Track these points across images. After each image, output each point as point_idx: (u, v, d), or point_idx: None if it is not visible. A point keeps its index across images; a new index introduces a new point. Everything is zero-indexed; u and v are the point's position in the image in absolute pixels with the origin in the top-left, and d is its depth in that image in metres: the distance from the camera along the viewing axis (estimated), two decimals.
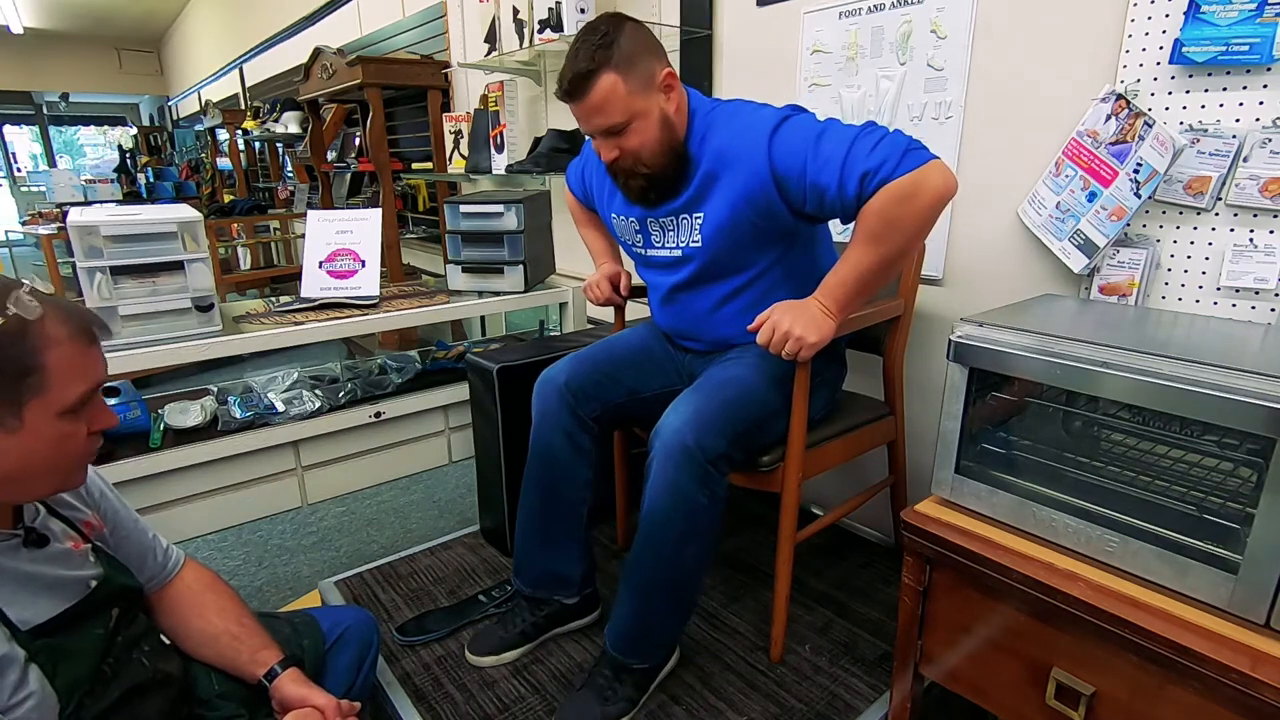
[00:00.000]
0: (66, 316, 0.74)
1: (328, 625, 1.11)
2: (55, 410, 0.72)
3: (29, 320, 0.69)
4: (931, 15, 1.44)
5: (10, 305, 0.69)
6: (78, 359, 0.73)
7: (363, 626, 1.14)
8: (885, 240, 1.07)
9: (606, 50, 1.11)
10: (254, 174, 6.09)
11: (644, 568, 1.17)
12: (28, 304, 0.70)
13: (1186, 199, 1.15)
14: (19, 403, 0.69)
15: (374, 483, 1.82)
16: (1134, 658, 0.85)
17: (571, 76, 1.12)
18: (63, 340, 0.72)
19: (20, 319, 0.69)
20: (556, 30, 2.07)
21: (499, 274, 1.92)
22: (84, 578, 0.83)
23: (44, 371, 0.70)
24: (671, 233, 1.26)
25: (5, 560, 0.75)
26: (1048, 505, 0.98)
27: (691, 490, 1.11)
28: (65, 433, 0.74)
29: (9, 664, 0.71)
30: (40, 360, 0.70)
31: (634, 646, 1.21)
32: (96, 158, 12.00)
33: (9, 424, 0.69)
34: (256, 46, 5.71)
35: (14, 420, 0.70)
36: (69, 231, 1.37)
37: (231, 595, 1.03)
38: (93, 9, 7.99)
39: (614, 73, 1.11)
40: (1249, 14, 1.04)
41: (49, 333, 0.71)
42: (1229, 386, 0.79)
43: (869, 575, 1.59)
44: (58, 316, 0.72)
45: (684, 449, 1.09)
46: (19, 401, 0.69)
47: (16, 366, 0.68)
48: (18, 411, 0.70)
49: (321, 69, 3.25)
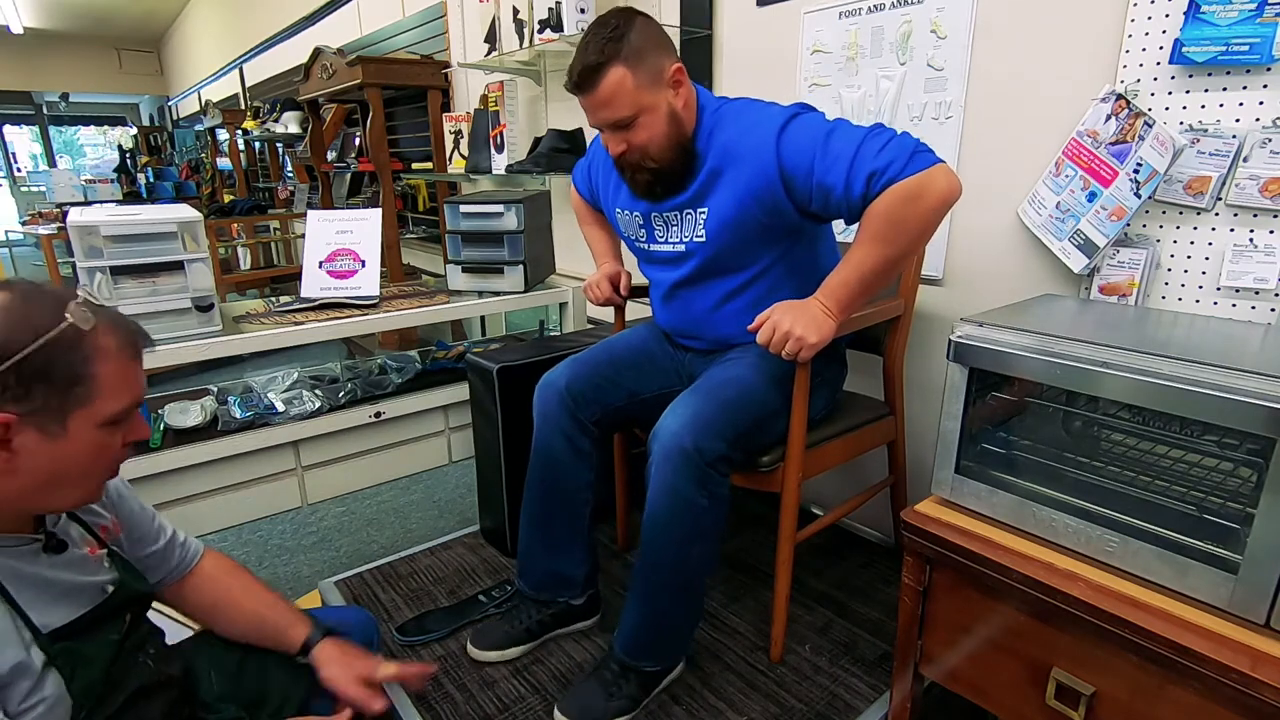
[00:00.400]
0: (116, 329, 0.74)
1: (328, 624, 1.11)
2: (98, 421, 0.73)
3: (84, 331, 0.70)
4: (931, 15, 1.44)
5: (67, 314, 0.69)
6: (124, 372, 0.74)
7: (363, 627, 1.14)
8: (889, 241, 1.07)
9: (616, 44, 1.11)
10: (254, 174, 6.09)
11: (650, 571, 1.18)
12: (83, 314, 0.71)
13: (1186, 199, 1.15)
14: (65, 411, 0.70)
15: (374, 483, 1.82)
16: (1134, 658, 0.85)
17: (580, 69, 1.13)
18: (112, 353, 0.73)
19: (75, 329, 0.70)
20: (556, 30, 2.07)
21: (499, 274, 1.92)
22: (100, 583, 0.83)
23: (92, 382, 0.71)
24: (675, 228, 1.26)
25: (26, 565, 0.75)
26: (1048, 505, 0.98)
27: (691, 492, 1.11)
28: (103, 443, 0.74)
29: (23, 671, 0.71)
30: (90, 371, 0.71)
31: (645, 650, 1.21)
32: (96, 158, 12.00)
33: (52, 430, 0.70)
34: (256, 46, 5.71)
35: (58, 428, 0.70)
36: (69, 231, 1.37)
37: (253, 576, 1.06)
38: (93, 9, 7.99)
39: (623, 66, 1.11)
40: (1249, 14, 1.04)
41: (100, 344, 0.72)
42: (1229, 386, 0.79)
43: (869, 575, 1.59)
44: (109, 328, 0.73)
45: (682, 452, 1.09)
46: (65, 410, 0.70)
47: (67, 376, 0.69)
48: (63, 420, 0.70)
49: (321, 69, 3.25)
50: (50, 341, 0.68)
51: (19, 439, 0.68)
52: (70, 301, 0.71)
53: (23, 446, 0.69)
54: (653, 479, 1.13)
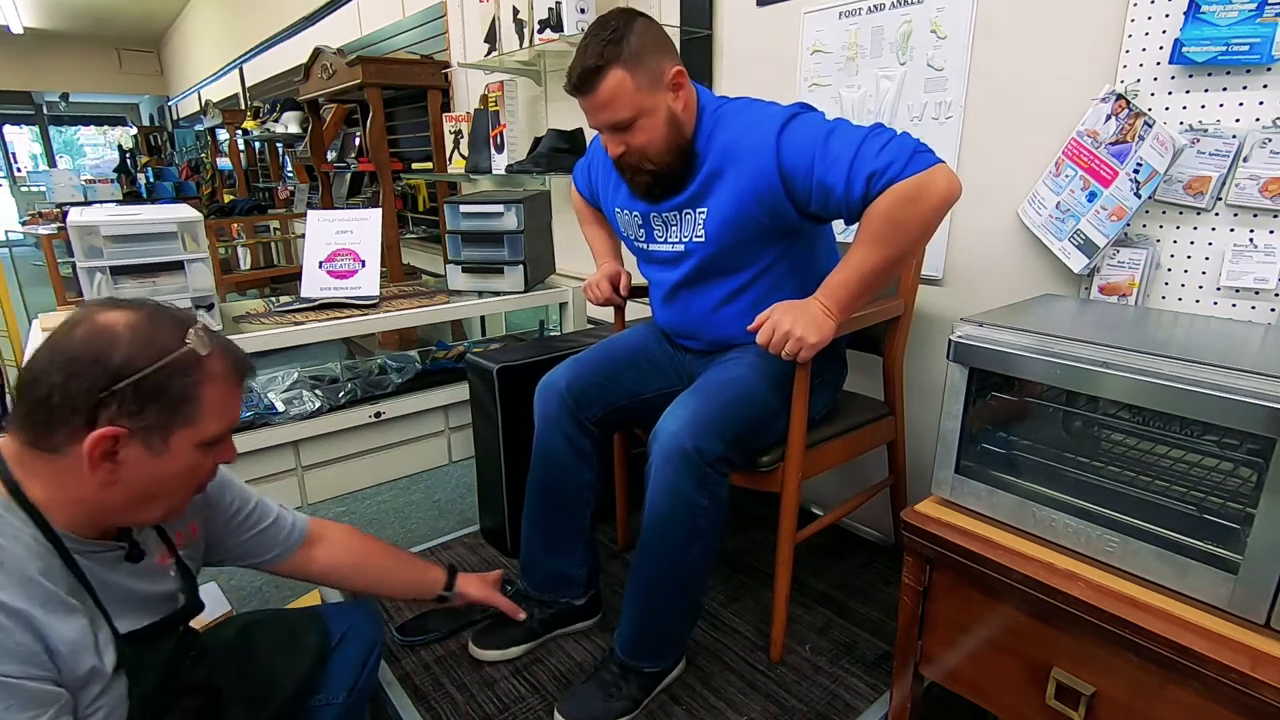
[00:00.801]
0: (226, 355, 0.78)
1: (333, 622, 1.11)
2: (197, 441, 0.75)
3: (200, 355, 0.73)
4: (931, 15, 1.44)
5: (188, 339, 0.73)
6: (228, 397, 0.78)
7: (368, 623, 1.14)
8: (889, 241, 1.07)
9: (616, 46, 1.10)
10: (254, 174, 6.09)
11: (648, 571, 1.18)
12: (201, 339, 0.74)
13: (1186, 199, 1.15)
14: (170, 430, 0.73)
15: (374, 483, 1.82)
16: (1134, 658, 0.85)
17: (580, 71, 1.12)
18: (220, 377, 0.76)
19: (194, 353, 0.73)
20: (556, 30, 2.07)
21: (499, 274, 1.92)
22: (170, 592, 0.86)
23: (199, 404, 0.74)
24: (675, 228, 1.26)
25: (108, 573, 0.78)
26: (1048, 505, 0.98)
27: (691, 493, 1.11)
28: (197, 463, 0.77)
29: (96, 677, 0.73)
30: (199, 393, 0.74)
31: (643, 650, 1.21)
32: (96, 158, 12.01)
33: (156, 447, 0.72)
34: (256, 46, 5.71)
35: (162, 445, 0.73)
36: (69, 231, 1.37)
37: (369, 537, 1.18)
38: (93, 9, 7.98)
39: (622, 69, 1.11)
40: (1249, 14, 1.04)
41: (211, 369, 0.75)
42: (1229, 386, 0.79)
43: (869, 575, 1.59)
44: (220, 354, 0.76)
45: (682, 452, 1.09)
46: (171, 429, 0.73)
47: (179, 396, 0.72)
48: (167, 438, 0.73)
49: (321, 69, 3.25)
50: (170, 363, 0.71)
51: (125, 452, 0.71)
52: (191, 327, 0.74)
53: (127, 460, 0.71)
54: (653, 480, 1.13)
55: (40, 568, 0.69)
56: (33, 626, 0.66)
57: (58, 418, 0.68)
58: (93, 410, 0.68)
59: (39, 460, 0.71)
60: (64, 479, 0.71)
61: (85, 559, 0.75)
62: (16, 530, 0.69)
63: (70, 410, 0.68)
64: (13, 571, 0.67)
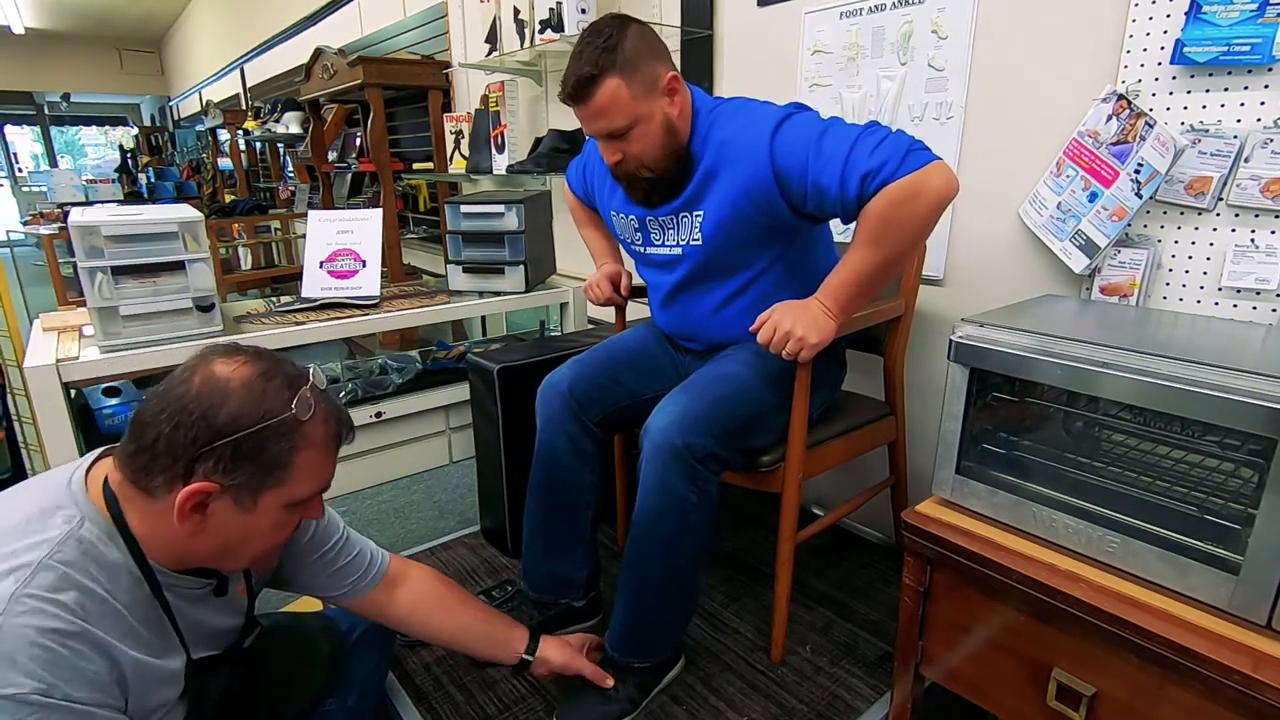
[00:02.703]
0: (328, 421, 0.77)
1: (346, 626, 1.11)
2: (286, 502, 0.76)
3: (301, 421, 0.73)
4: (932, 16, 1.44)
5: (294, 403, 0.73)
6: (322, 463, 0.78)
7: (378, 629, 1.14)
8: (886, 241, 1.07)
9: (610, 54, 1.10)
10: (255, 174, 6.09)
11: (638, 567, 1.18)
12: (306, 405, 0.74)
13: (1188, 199, 1.15)
14: (260, 490, 0.73)
15: (375, 483, 1.82)
16: (1135, 658, 0.84)
17: (575, 80, 1.12)
18: (317, 443, 0.76)
19: (295, 419, 0.73)
20: (557, 30, 2.07)
21: (500, 274, 1.92)
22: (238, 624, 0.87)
23: (293, 469, 0.74)
24: (671, 231, 1.26)
25: (192, 608, 0.79)
26: (1048, 506, 0.98)
27: (681, 489, 1.11)
28: (284, 521, 0.78)
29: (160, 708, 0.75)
30: (294, 458, 0.74)
31: (633, 646, 1.21)
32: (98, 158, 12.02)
33: (245, 504, 0.73)
34: (257, 47, 5.71)
35: (251, 503, 0.73)
36: (70, 231, 1.36)
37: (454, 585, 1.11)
38: (94, 9, 7.99)
39: (617, 77, 1.10)
40: (1250, 14, 1.04)
41: (311, 435, 0.75)
42: (1230, 387, 0.79)
43: (869, 575, 1.59)
44: (322, 419, 0.76)
45: (671, 448, 1.09)
46: (261, 489, 0.73)
47: (274, 460, 0.72)
48: (256, 497, 0.73)
49: (322, 69, 3.25)
50: (271, 426, 0.71)
51: (214, 506, 0.72)
52: (301, 388, 0.74)
53: (215, 513, 0.72)
54: (643, 476, 1.13)
55: (129, 600, 0.71)
56: (111, 656, 0.67)
57: (159, 465, 0.70)
58: (191, 463, 0.69)
59: (137, 497, 0.72)
60: (157, 520, 0.72)
61: (172, 593, 0.76)
62: (115, 559, 0.71)
63: (171, 459, 0.69)
64: (103, 601, 0.68)
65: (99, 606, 0.67)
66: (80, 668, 0.64)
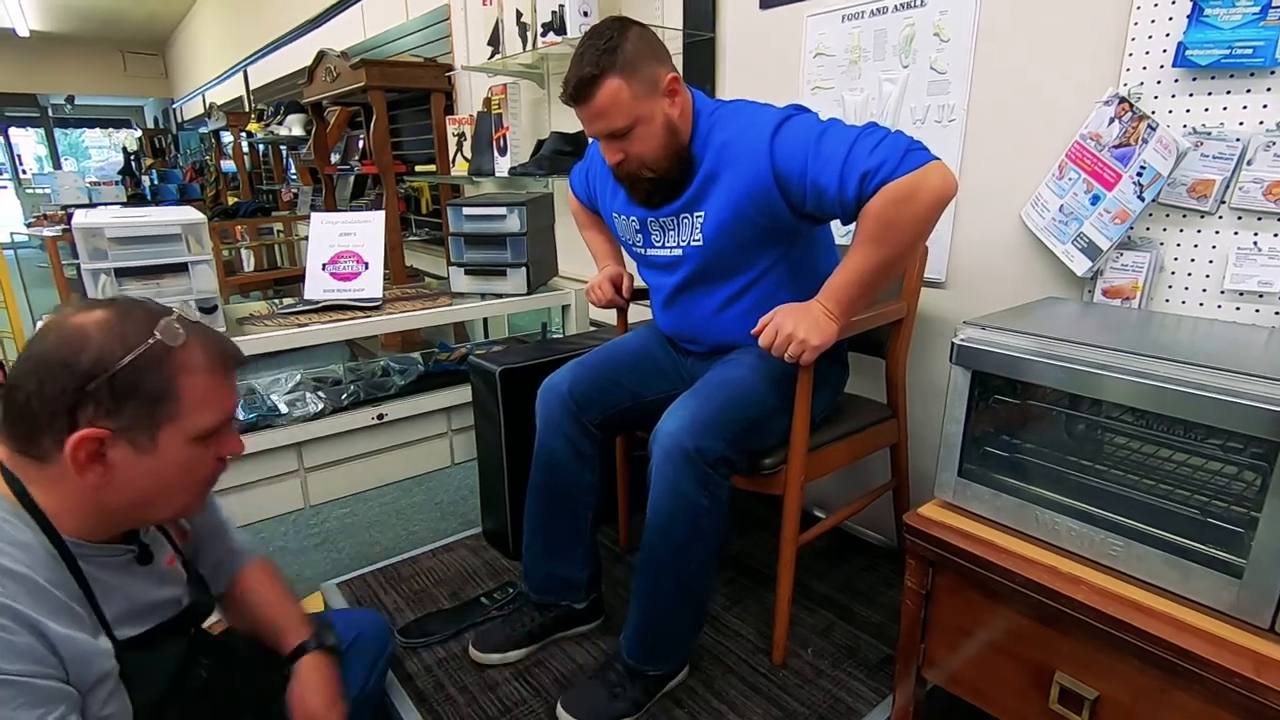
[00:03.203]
0: (206, 345, 0.75)
1: (342, 629, 1.11)
2: (188, 436, 0.74)
3: (171, 347, 0.72)
4: (934, 19, 1.44)
5: (156, 332, 0.71)
6: (212, 388, 0.76)
7: (377, 631, 1.14)
8: (886, 241, 1.07)
9: (611, 55, 1.11)
10: (258, 176, 6.11)
11: (650, 571, 1.18)
12: (173, 331, 0.72)
13: (1190, 202, 1.15)
14: (154, 426, 0.71)
15: (376, 484, 1.82)
16: (1137, 662, 0.84)
17: (576, 81, 1.12)
18: (200, 369, 0.74)
19: (163, 345, 0.71)
20: (560, 33, 2.08)
21: (502, 276, 1.92)
22: (174, 596, 0.85)
23: (180, 398, 0.72)
24: (672, 232, 1.26)
25: (114, 577, 0.77)
26: (1051, 509, 0.98)
27: (693, 493, 1.11)
28: (194, 458, 0.76)
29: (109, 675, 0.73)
30: (176, 386, 0.72)
31: (648, 653, 1.21)
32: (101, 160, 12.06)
33: (143, 444, 0.71)
34: (261, 49, 5.73)
35: (148, 442, 0.72)
36: (74, 233, 1.37)
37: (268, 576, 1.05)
38: (98, 12, 8.02)
39: (618, 77, 1.11)
40: (1253, 17, 1.04)
41: (188, 361, 0.73)
42: (1233, 390, 0.79)
43: (871, 578, 1.59)
44: (198, 345, 0.74)
45: (683, 452, 1.09)
46: (154, 424, 0.71)
47: (155, 391, 0.71)
48: (153, 434, 0.72)
49: (326, 72, 3.26)
50: (139, 358, 0.69)
51: (113, 453, 0.70)
52: (162, 319, 0.72)
53: (117, 461, 0.70)
54: (654, 480, 1.13)
55: (52, 577, 0.69)
56: (39, 632, 0.66)
57: (40, 426, 0.68)
58: (71, 414, 0.67)
59: (32, 468, 0.70)
60: (62, 485, 0.70)
61: (92, 564, 0.74)
62: (27, 538, 0.69)
63: (50, 415, 0.67)
64: (22, 578, 0.67)
65: (19, 585, 0.66)
66: (9, 642, 0.63)
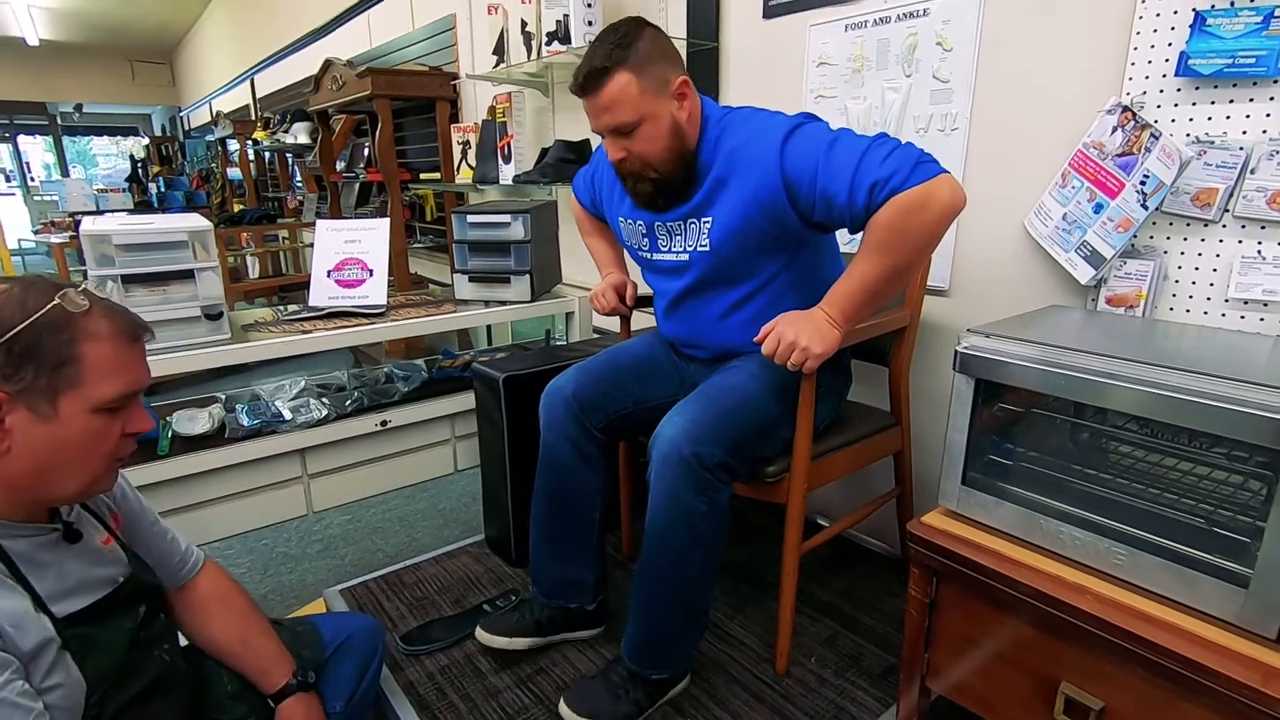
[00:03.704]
0: (112, 316, 0.76)
1: (329, 633, 1.11)
2: (89, 405, 0.73)
3: (71, 313, 0.72)
4: (937, 28, 1.45)
5: (57, 298, 0.72)
6: (117, 358, 0.75)
7: (366, 634, 1.14)
8: (892, 251, 1.07)
9: (624, 50, 1.12)
10: (263, 184, 6.14)
11: (651, 577, 1.18)
12: (75, 299, 0.72)
13: (1194, 210, 1.15)
14: (54, 391, 0.71)
15: (379, 491, 1.83)
16: (1144, 672, 0.84)
17: (587, 72, 1.14)
18: (103, 337, 0.74)
19: (62, 310, 0.71)
20: (564, 42, 2.09)
21: (505, 283, 1.92)
22: (112, 574, 0.85)
23: (80, 364, 0.72)
24: (679, 237, 1.27)
25: (43, 553, 0.77)
26: (1055, 517, 0.97)
27: (691, 499, 1.11)
28: (98, 429, 0.75)
29: (48, 645, 0.73)
30: (77, 352, 0.72)
31: (650, 657, 1.21)
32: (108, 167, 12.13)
33: (43, 410, 0.71)
34: (268, 58, 5.77)
35: (48, 408, 0.71)
36: (82, 240, 1.38)
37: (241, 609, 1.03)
38: (107, 21, 8.10)
39: (628, 72, 1.13)
40: (1255, 27, 1.05)
41: (89, 328, 0.73)
42: (1237, 399, 0.79)
43: (875, 587, 1.58)
44: (103, 315, 0.75)
45: (681, 458, 1.10)
46: (54, 390, 0.71)
47: (54, 356, 0.71)
48: (53, 400, 0.71)
49: (332, 80, 3.29)
50: (38, 321, 0.70)
51: (11, 418, 0.70)
52: (65, 289, 0.73)
53: (15, 426, 0.70)
54: (653, 485, 1.13)
55: None
56: None
57: None
58: None
59: None
60: None
61: (16, 541, 0.74)
62: None
63: None
64: None
65: None
66: None
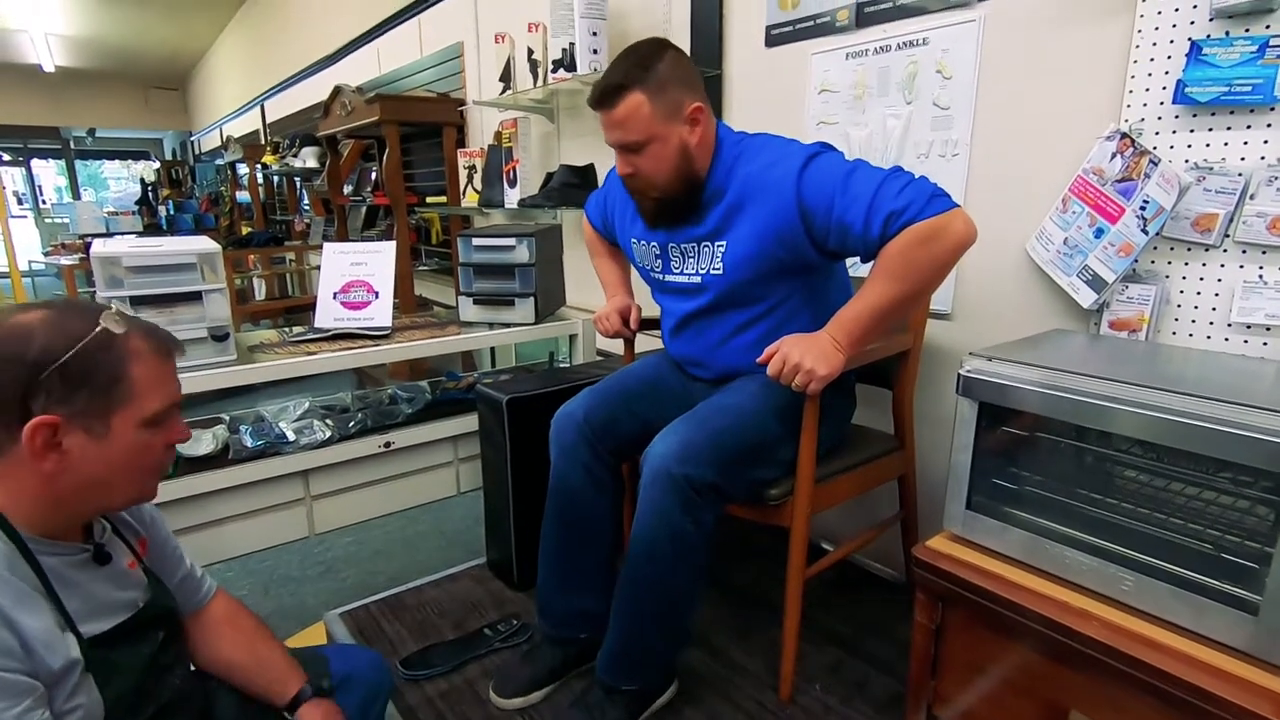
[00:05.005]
0: (147, 334, 0.79)
1: (336, 663, 1.10)
2: (138, 420, 0.76)
3: (116, 335, 0.75)
4: (937, 56, 1.47)
5: (101, 320, 0.75)
6: (159, 373, 0.79)
7: (372, 670, 1.12)
8: (903, 279, 1.09)
9: (643, 71, 1.15)
10: (272, 207, 6.21)
11: (630, 591, 1.17)
12: (115, 320, 0.76)
13: (1195, 235, 1.15)
14: (108, 411, 0.74)
15: (382, 513, 1.82)
16: (1152, 700, 0.83)
17: (604, 87, 1.17)
18: (145, 354, 0.77)
19: (109, 333, 0.75)
20: (570, 70, 2.13)
21: (510, 306, 1.94)
22: (134, 598, 0.86)
23: (130, 382, 0.75)
24: (692, 259, 1.28)
25: (75, 574, 0.79)
26: (1061, 542, 0.97)
27: (677, 517, 1.11)
28: (145, 443, 0.78)
29: (74, 666, 0.74)
30: (126, 371, 0.75)
31: (621, 669, 1.20)
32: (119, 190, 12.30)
33: (97, 430, 0.74)
34: (278, 85, 5.88)
35: (102, 427, 0.74)
36: (92, 262, 1.40)
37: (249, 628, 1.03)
38: (122, 49, 8.27)
39: (643, 93, 1.15)
40: (1250, 56, 1.06)
41: (133, 347, 0.76)
42: (1241, 423, 0.79)
43: (880, 612, 1.57)
44: (140, 333, 0.78)
45: (669, 476, 1.10)
46: (108, 410, 0.74)
47: (107, 377, 0.74)
48: (106, 419, 0.74)
49: (341, 106, 3.34)
50: (87, 345, 0.73)
51: (67, 440, 0.72)
52: (104, 310, 0.76)
53: (72, 447, 0.73)
54: (640, 502, 1.14)
55: (6, 565, 0.70)
56: (8, 622, 0.67)
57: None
58: (23, 404, 0.70)
59: None
60: (18, 477, 0.72)
61: (49, 558, 0.76)
62: None
63: (2, 409, 0.70)
64: None
65: None
66: None
